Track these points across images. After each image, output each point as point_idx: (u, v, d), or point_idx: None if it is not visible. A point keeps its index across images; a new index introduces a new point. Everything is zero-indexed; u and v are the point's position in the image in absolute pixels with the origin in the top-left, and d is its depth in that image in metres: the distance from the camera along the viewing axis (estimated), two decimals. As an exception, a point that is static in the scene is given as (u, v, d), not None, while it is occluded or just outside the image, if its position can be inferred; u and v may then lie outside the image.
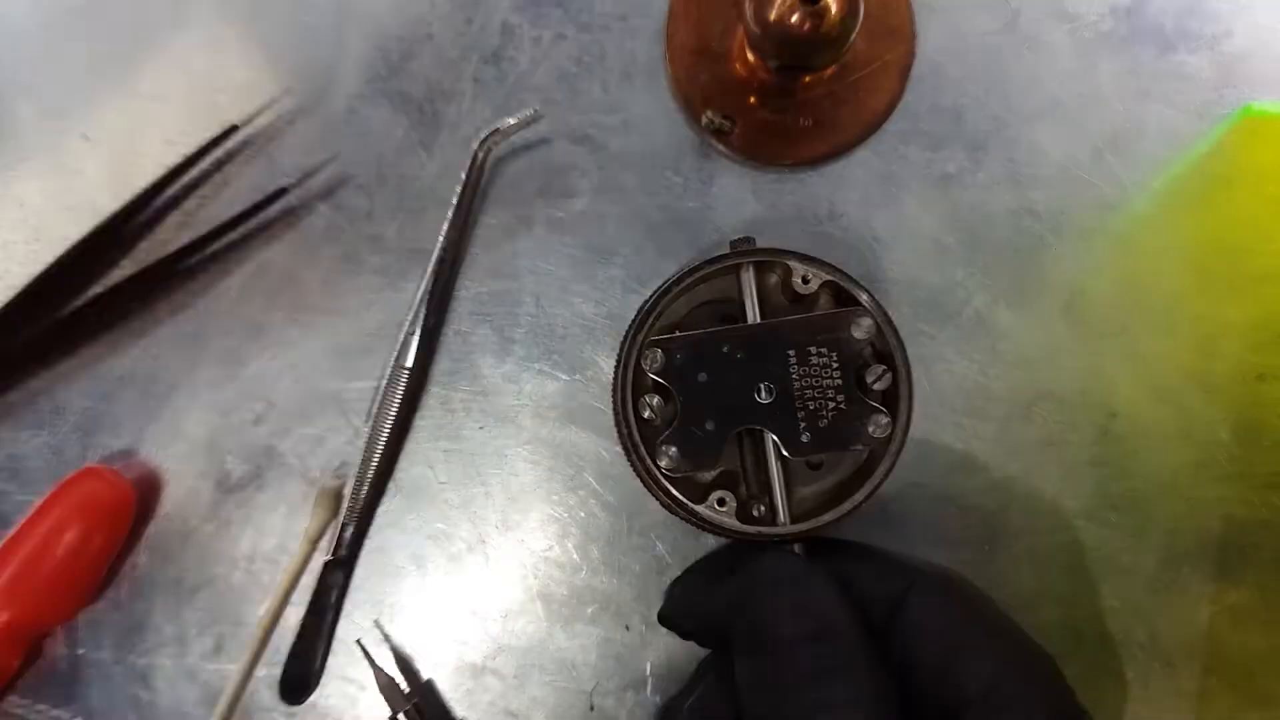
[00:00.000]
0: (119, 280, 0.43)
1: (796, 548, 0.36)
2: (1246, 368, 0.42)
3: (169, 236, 0.44)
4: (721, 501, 0.36)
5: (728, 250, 0.37)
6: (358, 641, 0.42)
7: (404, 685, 0.41)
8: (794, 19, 0.37)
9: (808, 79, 0.42)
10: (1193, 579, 0.42)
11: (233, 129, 0.43)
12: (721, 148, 0.43)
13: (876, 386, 0.36)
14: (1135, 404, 0.42)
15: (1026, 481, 0.42)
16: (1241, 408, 0.42)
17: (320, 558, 0.42)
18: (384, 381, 0.42)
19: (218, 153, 0.44)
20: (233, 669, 0.41)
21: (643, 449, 0.35)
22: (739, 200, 0.43)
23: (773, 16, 0.37)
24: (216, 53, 0.45)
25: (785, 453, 0.35)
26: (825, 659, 0.30)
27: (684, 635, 0.39)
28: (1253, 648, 0.41)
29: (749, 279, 0.37)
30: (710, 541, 0.42)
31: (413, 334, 0.42)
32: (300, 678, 0.42)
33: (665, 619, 0.39)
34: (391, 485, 0.43)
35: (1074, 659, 0.41)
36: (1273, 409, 0.42)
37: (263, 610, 0.42)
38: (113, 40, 0.45)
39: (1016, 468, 0.42)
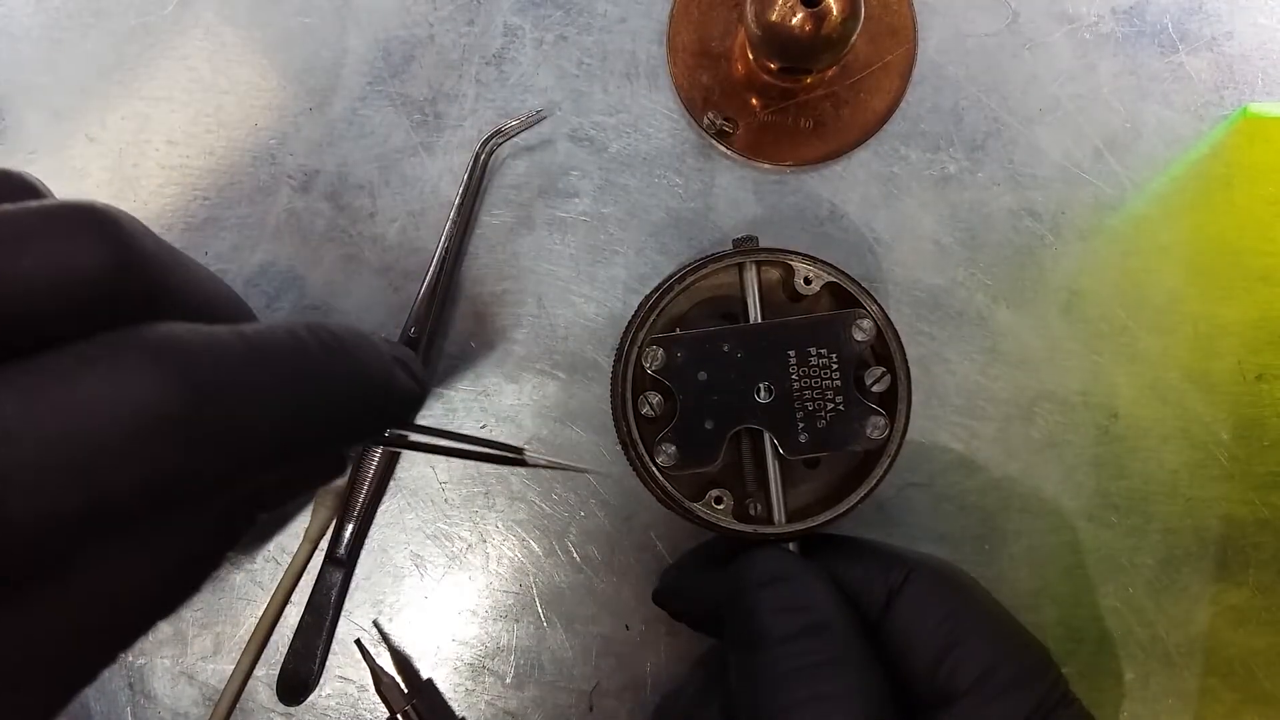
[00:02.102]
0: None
1: (791, 545, 0.36)
2: (1245, 367, 0.42)
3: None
4: (718, 500, 0.36)
5: (730, 248, 0.38)
6: (357, 641, 0.42)
7: (403, 685, 0.41)
8: (795, 20, 0.37)
9: (809, 80, 0.43)
10: (1193, 579, 0.42)
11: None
12: (723, 148, 0.43)
13: (875, 388, 0.36)
14: (1135, 404, 0.42)
15: (1026, 481, 0.42)
16: (1240, 407, 0.42)
17: (320, 557, 0.42)
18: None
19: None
20: (231, 669, 0.41)
21: (641, 446, 0.36)
22: (740, 201, 0.43)
23: (774, 18, 0.37)
24: (220, 54, 0.45)
25: (783, 452, 0.35)
26: (817, 653, 0.30)
27: (675, 616, 0.40)
28: (1253, 647, 0.41)
29: (751, 278, 0.37)
30: (711, 535, 0.42)
31: (414, 334, 0.42)
32: (299, 678, 0.42)
33: (659, 599, 0.40)
34: (392, 485, 0.43)
35: (1074, 659, 0.41)
36: (1272, 409, 0.42)
37: (262, 610, 0.42)
38: (116, 42, 0.45)
39: (1016, 468, 0.42)
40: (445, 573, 0.42)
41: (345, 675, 0.42)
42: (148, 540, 0.22)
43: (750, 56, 0.42)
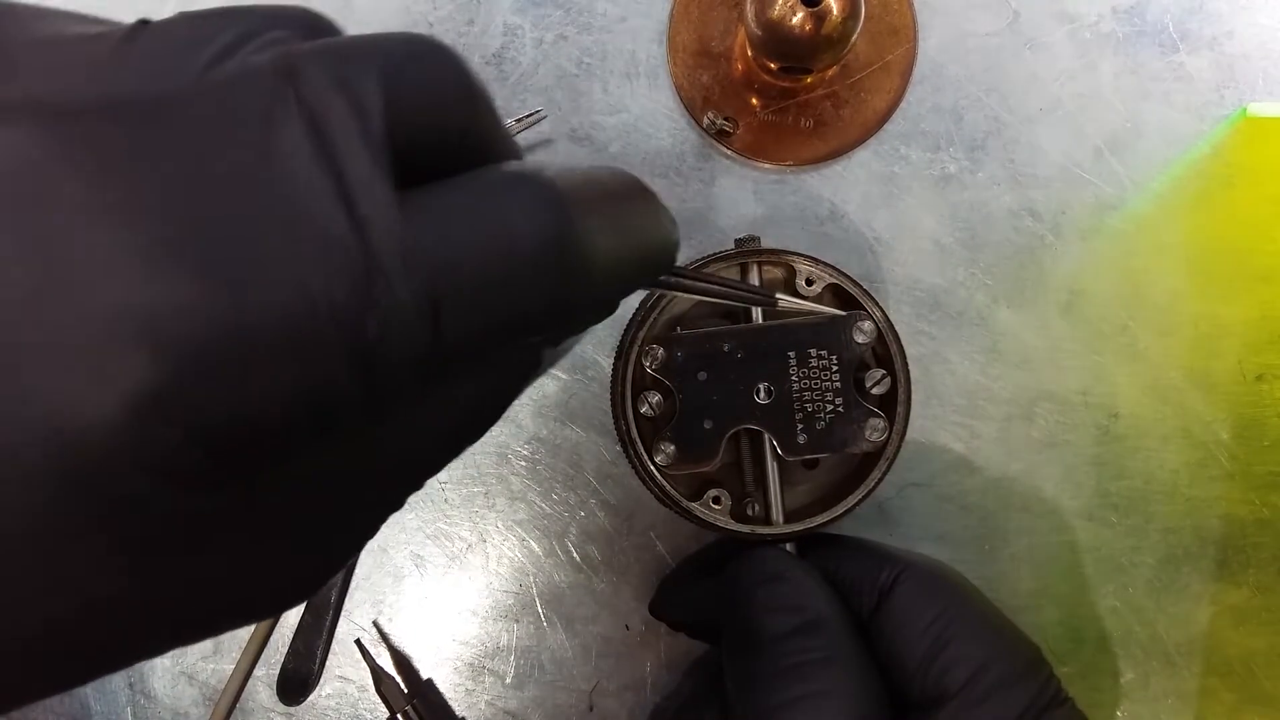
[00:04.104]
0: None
1: (788, 545, 0.36)
2: (1246, 367, 0.42)
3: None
4: (716, 500, 0.36)
5: (732, 248, 0.38)
6: (357, 641, 0.42)
7: (404, 685, 0.41)
8: (795, 20, 0.37)
9: (809, 80, 0.42)
10: (1193, 579, 0.42)
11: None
12: (723, 148, 0.43)
13: (875, 391, 0.36)
14: (1135, 404, 0.42)
15: (1027, 481, 0.42)
16: (1241, 407, 0.42)
17: (320, 557, 0.42)
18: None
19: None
20: (231, 668, 0.41)
21: (640, 445, 0.36)
22: (740, 201, 0.43)
23: (774, 17, 0.37)
24: (218, 53, 0.45)
25: (781, 453, 0.35)
26: (811, 652, 0.30)
27: (674, 626, 0.40)
28: (1253, 647, 0.41)
29: (753, 278, 0.37)
30: (708, 538, 0.42)
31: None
32: (299, 677, 0.42)
33: (656, 610, 0.40)
34: (392, 485, 0.43)
35: (1074, 659, 0.41)
36: (1272, 408, 0.42)
37: (263, 609, 0.42)
38: (115, 41, 0.45)
39: (1017, 468, 0.42)
40: (445, 573, 0.42)
41: (345, 675, 0.42)
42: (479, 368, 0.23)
43: (750, 56, 0.42)
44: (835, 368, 0.35)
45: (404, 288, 0.17)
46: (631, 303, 0.42)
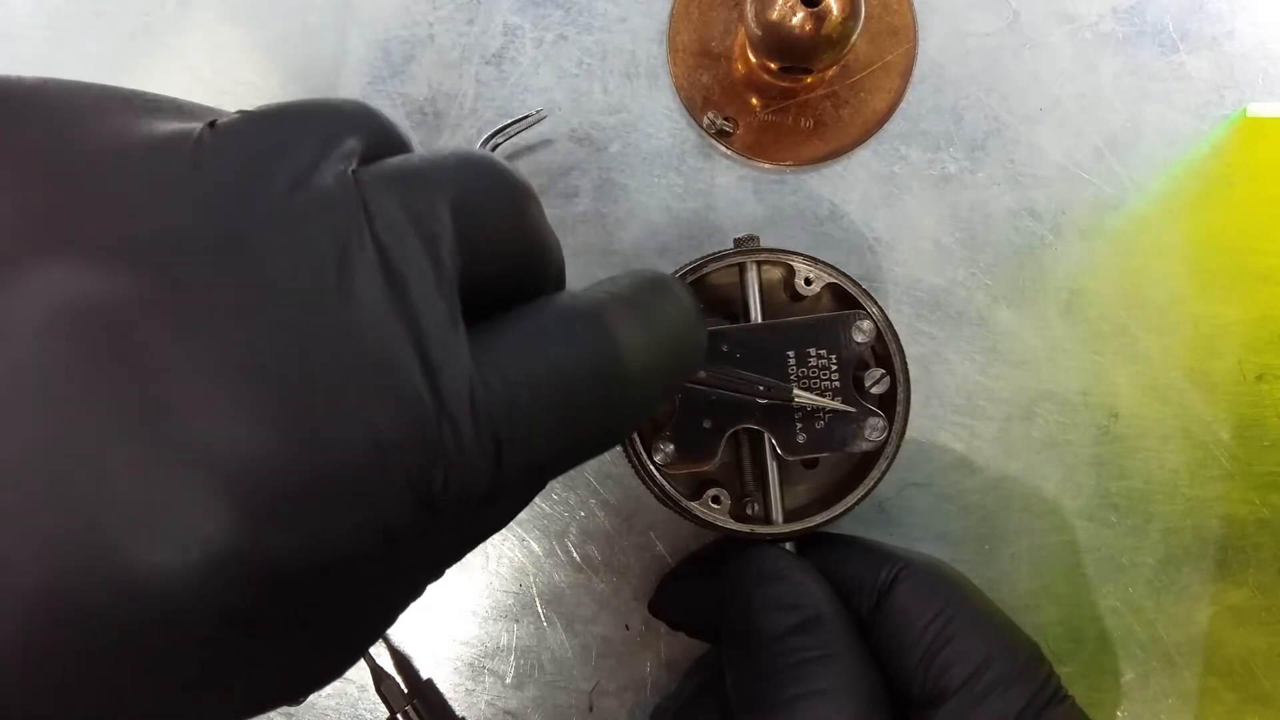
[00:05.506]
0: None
1: (788, 544, 0.36)
2: (1246, 367, 0.42)
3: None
4: (716, 499, 0.36)
5: (731, 247, 0.38)
6: (358, 641, 0.42)
7: (404, 685, 0.41)
8: (795, 20, 0.37)
9: (809, 80, 0.42)
10: (1193, 579, 0.42)
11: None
12: (723, 148, 0.43)
13: (874, 390, 0.36)
14: (1135, 404, 0.42)
15: (1026, 481, 0.42)
16: (1241, 407, 0.42)
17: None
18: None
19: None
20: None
21: (639, 444, 0.36)
22: (740, 201, 0.43)
23: (774, 18, 0.37)
24: (220, 54, 0.45)
25: (781, 453, 0.35)
26: (810, 650, 0.31)
27: (674, 626, 0.40)
28: (1253, 647, 0.41)
29: (752, 277, 0.37)
30: (708, 538, 0.42)
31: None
32: (300, 677, 0.42)
33: (656, 610, 0.40)
34: (392, 485, 0.43)
35: (1074, 659, 0.41)
36: (1272, 408, 0.42)
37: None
38: (117, 43, 0.45)
39: (1016, 468, 0.42)
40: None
41: (346, 675, 0.42)
42: None
43: (750, 56, 0.42)
44: (835, 367, 0.35)
45: (470, 433, 0.17)
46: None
